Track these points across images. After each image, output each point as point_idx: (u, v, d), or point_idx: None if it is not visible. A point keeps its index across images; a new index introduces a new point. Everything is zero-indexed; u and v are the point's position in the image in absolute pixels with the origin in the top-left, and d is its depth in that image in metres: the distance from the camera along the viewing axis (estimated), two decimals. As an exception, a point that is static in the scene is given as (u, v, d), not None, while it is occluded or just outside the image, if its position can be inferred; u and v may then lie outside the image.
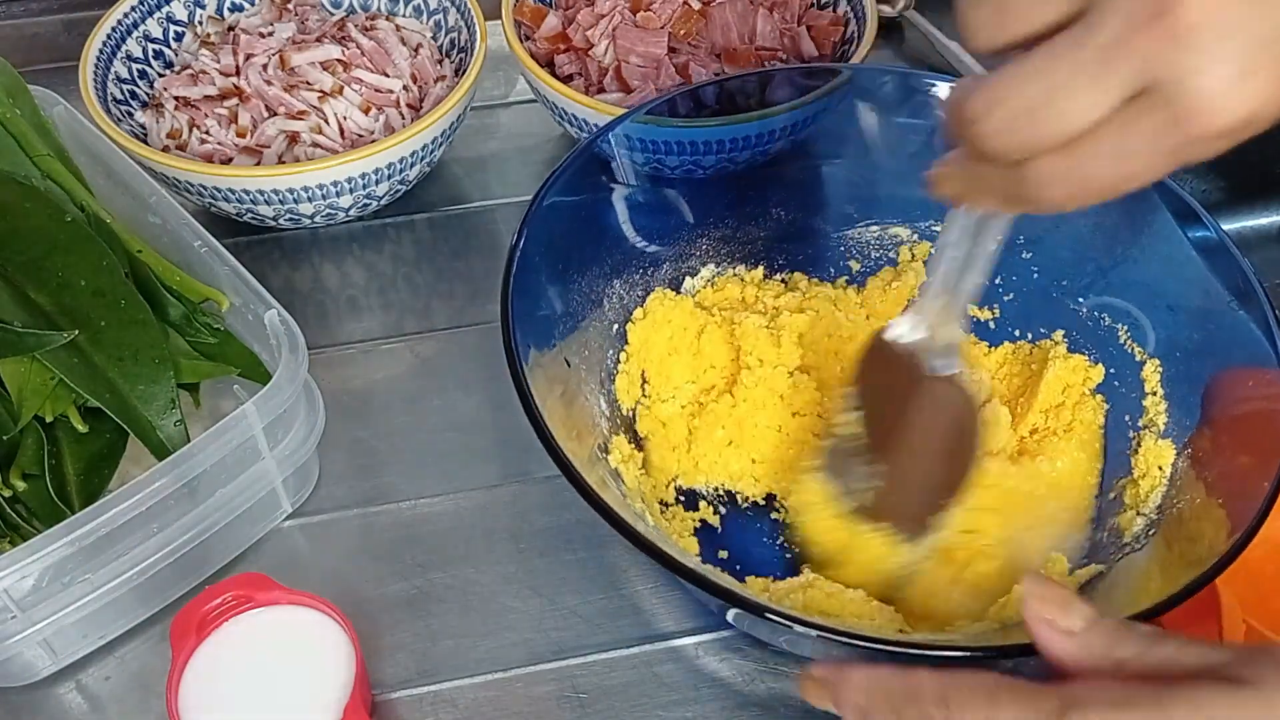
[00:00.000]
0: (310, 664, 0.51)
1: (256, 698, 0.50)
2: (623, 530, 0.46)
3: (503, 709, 0.54)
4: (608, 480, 0.54)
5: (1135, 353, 0.58)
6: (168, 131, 0.72)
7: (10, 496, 0.55)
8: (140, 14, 0.75)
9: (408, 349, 0.69)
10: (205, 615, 0.51)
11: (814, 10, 0.77)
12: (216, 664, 0.51)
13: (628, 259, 0.62)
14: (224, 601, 0.51)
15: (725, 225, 0.65)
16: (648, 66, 0.72)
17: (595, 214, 0.61)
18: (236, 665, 0.51)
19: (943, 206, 0.48)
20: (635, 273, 0.62)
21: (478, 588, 0.58)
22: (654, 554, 0.46)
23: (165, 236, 0.62)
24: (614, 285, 0.61)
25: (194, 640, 0.51)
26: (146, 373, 0.56)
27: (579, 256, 0.59)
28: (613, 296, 0.61)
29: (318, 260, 0.74)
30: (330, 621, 0.52)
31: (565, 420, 0.52)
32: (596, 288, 0.60)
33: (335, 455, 0.63)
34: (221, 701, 0.50)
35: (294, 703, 0.50)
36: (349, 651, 0.51)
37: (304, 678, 0.51)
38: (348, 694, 0.49)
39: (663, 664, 0.56)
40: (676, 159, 0.63)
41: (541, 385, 0.51)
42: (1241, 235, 0.90)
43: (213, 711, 0.49)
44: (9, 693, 0.55)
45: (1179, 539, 0.51)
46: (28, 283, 0.58)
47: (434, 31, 0.78)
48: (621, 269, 0.61)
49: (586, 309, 0.59)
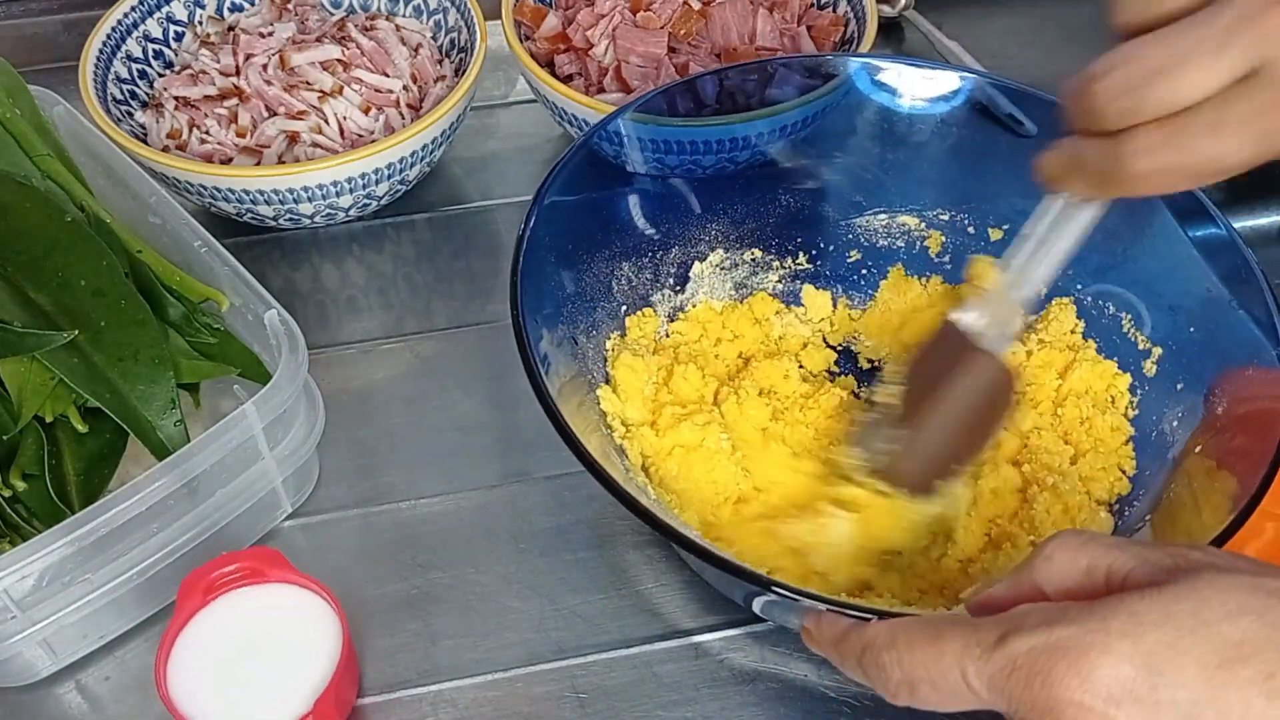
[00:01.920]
0: (299, 648, 0.52)
1: (241, 669, 0.51)
2: (631, 505, 0.46)
3: (503, 709, 0.54)
4: (612, 455, 0.54)
5: (1138, 341, 0.59)
6: (168, 131, 0.72)
7: (10, 496, 0.55)
8: (140, 14, 0.75)
9: (408, 349, 0.69)
10: (213, 581, 0.52)
11: (814, 10, 0.77)
12: (212, 630, 0.52)
13: (635, 246, 0.62)
14: (235, 571, 0.52)
15: (734, 212, 0.65)
16: (648, 66, 0.72)
17: (602, 204, 0.61)
18: (230, 634, 0.52)
19: (949, 195, 0.49)
20: (644, 257, 0.62)
21: (478, 588, 0.58)
22: (665, 531, 0.46)
23: (165, 236, 0.62)
24: (623, 269, 0.61)
25: (198, 602, 0.52)
26: (146, 373, 0.56)
27: (587, 244, 0.60)
28: (621, 280, 0.61)
29: (318, 260, 0.74)
30: (329, 613, 0.52)
31: (575, 407, 0.53)
32: (604, 273, 0.60)
33: (335, 455, 0.63)
34: (208, 666, 0.51)
35: (274, 681, 0.51)
36: (338, 644, 0.52)
37: (289, 660, 0.51)
38: (325, 685, 0.50)
39: (663, 664, 0.56)
40: (677, 159, 0.63)
41: (552, 363, 0.52)
42: (1241, 235, 0.90)
43: (198, 674, 0.51)
44: (9, 693, 0.55)
45: (1176, 528, 0.51)
46: (28, 283, 0.58)
47: (434, 31, 0.78)
48: (630, 254, 0.62)
49: (595, 294, 0.60)
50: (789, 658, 0.56)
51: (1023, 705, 0.35)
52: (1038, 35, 0.88)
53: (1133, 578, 0.36)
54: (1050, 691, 0.34)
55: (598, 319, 0.60)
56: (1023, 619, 0.36)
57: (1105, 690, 0.33)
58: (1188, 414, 0.55)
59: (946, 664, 0.37)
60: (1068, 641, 0.34)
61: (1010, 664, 0.35)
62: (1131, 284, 0.60)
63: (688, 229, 0.64)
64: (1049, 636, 0.35)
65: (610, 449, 0.55)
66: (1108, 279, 0.60)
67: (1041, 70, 0.85)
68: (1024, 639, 0.35)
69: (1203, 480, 0.51)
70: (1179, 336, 0.57)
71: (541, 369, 0.50)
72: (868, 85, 0.63)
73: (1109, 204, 0.47)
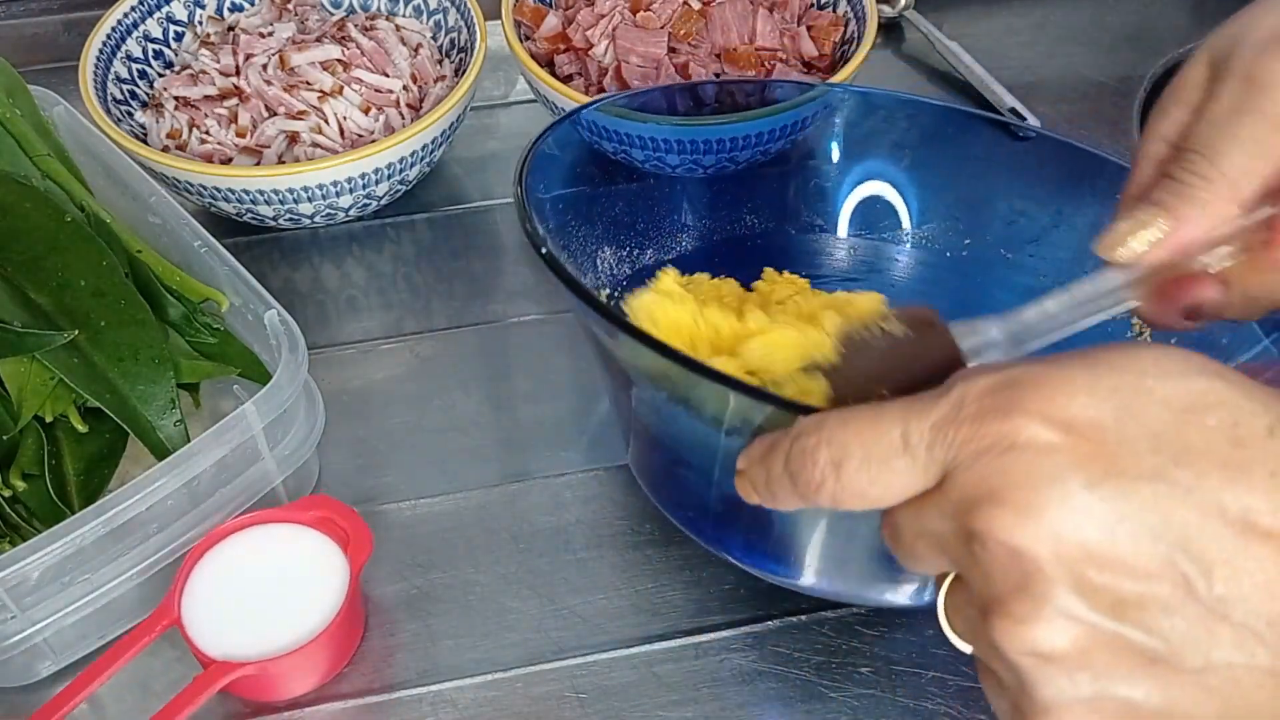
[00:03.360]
0: (308, 584, 0.54)
1: (251, 601, 0.53)
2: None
3: (503, 709, 0.54)
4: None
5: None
6: (168, 131, 0.72)
7: (10, 496, 0.55)
8: (140, 14, 0.75)
9: (408, 349, 0.69)
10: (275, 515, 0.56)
11: (814, 10, 0.77)
12: (229, 562, 0.54)
13: (616, 232, 0.61)
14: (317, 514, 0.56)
15: (714, 221, 0.65)
16: (648, 66, 0.72)
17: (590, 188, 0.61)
18: (243, 568, 0.54)
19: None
20: (625, 249, 0.62)
21: (478, 588, 0.58)
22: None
23: (165, 236, 0.62)
24: (604, 252, 0.61)
25: (217, 536, 0.55)
26: (146, 373, 0.56)
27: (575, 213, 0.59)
28: (602, 264, 0.61)
29: (318, 260, 0.74)
30: (339, 556, 0.55)
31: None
32: (589, 248, 0.60)
33: (335, 455, 0.63)
34: (221, 596, 0.53)
35: (282, 612, 0.53)
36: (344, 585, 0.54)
37: (298, 594, 0.54)
38: (331, 618, 0.53)
39: (663, 664, 0.56)
40: (677, 158, 0.63)
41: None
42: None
43: (210, 604, 0.53)
44: (9, 693, 0.55)
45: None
46: (28, 283, 0.58)
47: (434, 31, 0.78)
48: (611, 240, 0.61)
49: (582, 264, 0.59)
50: (789, 658, 0.56)
51: (967, 450, 0.32)
52: (1038, 35, 0.88)
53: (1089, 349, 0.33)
54: (1002, 422, 0.31)
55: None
56: (970, 369, 0.33)
57: (1065, 417, 0.31)
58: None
59: (885, 426, 0.33)
60: (1022, 375, 0.32)
61: (957, 405, 0.32)
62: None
63: (663, 230, 0.63)
64: (1001, 374, 0.32)
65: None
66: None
67: (1041, 70, 0.85)
68: (974, 381, 0.32)
69: None
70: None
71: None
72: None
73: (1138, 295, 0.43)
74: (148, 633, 0.52)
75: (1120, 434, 0.31)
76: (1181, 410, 0.31)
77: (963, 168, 0.61)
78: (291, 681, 0.54)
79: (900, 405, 0.34)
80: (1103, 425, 0.31)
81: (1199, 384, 0.31)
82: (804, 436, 0.35)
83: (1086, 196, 0.59)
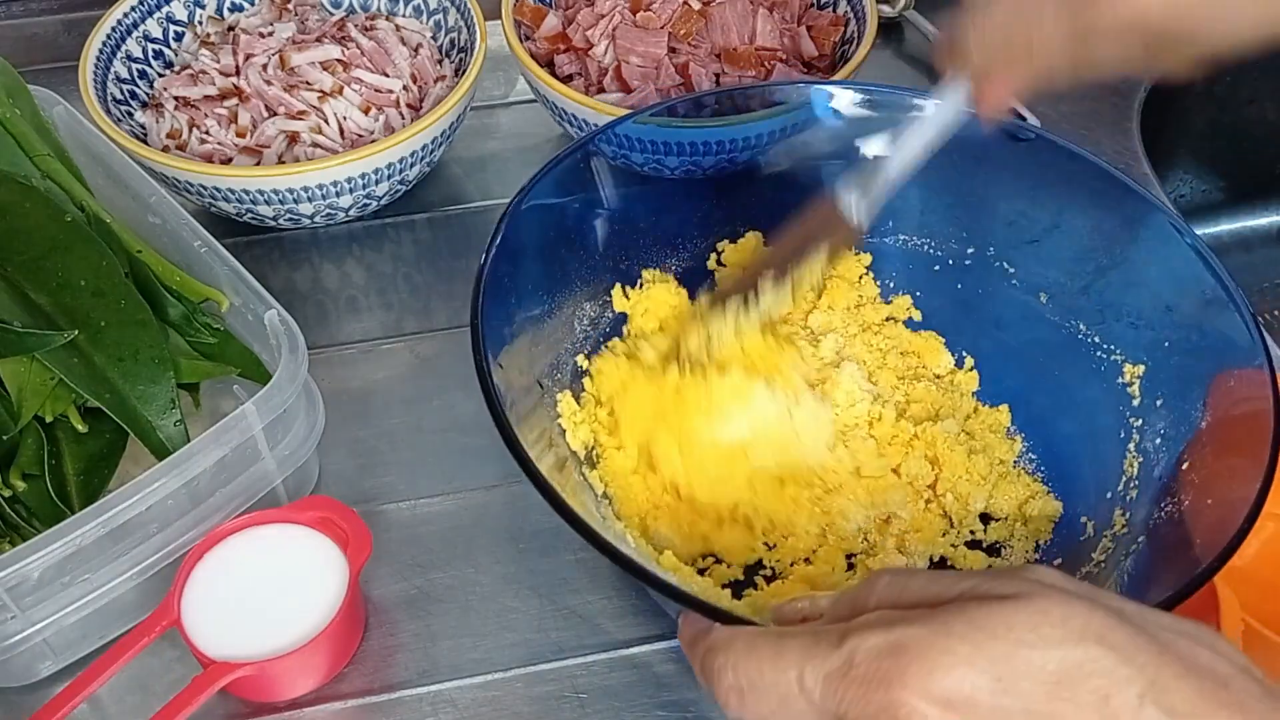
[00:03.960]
0: (307, 584, 0.54)
1: (251, 601, 0.53)
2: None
3: (503, 709, 0.54)
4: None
5: (1117, 359, 0.58)
6: (167, 131, 0.72)
7: (10, 496, 0.55)
8: (140, 14, 0.75)
9: (408, 349, 0.69)
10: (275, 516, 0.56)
11: (814, 10, 0.77)
12: (227, 564, 0.54)
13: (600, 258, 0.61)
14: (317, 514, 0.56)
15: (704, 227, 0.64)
16: (648, 66, 0.72)
17: (579, 215, 0.61)
18: (242, 568, 0.54)
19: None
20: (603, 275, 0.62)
21: (478, 588, 0.58)
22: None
23: (165, 236, 0.62)
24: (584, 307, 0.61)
25: (216, 537, 0.55)
26: (146, 373, 0.56)
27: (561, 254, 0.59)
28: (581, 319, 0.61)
29: (318, 260, 0.74)
30: (338, 556, 0.55)
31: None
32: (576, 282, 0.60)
33: (335, 455, 0.63)
34: (219, 597, 0.53)
35: (280, 613, 0.53)
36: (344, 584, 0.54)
37: (297, 594, 0.54)
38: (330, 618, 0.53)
39: (663, 664, 0.56)
40: (676, 159, 0.63)
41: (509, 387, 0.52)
42: (1241, 235, 0.90)
43: (209, 605, 0.53)
44: (9, 693, 0.55)
45: (1173, 542, 0.51)
46: (28, 283, 0.58)
47: (434, 31, 0.78)
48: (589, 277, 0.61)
49: (562, 305, 0.59)
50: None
51: (855, 711, 0.34)
52: (1038, 35, 0.88)
53: (976, 591, 0.35)
54: (886, 693, 0.33)
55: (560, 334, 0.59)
56: (864, 621, 0.35)
57: (943, 694, 0.33)
58: (1170, 431, 0.55)
59: (784, 665, 0.36)
60: (908, 641, 0.34)
61: (848, 662, 0.34)
62: (1106, 306, 0.59)
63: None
64: (889, 636, 0.34)
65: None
66: (1080, 305, 0.60)
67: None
68: (865, 637, 0.34)
69: (1195, 494, 0.51)
70: (1163, 349, 0.56)
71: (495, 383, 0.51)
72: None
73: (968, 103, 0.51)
74: (147, 633, 0.52)
75: (994, 708, 0.33)
76: (1055, 684, 0.33)
77: (962, 168, 0.61)
78: (291, 682, 0.54)
79: (799, 645, 0.36)
80: (977, 702, 0.33)
81: (1075, 654, 0.33)
82: (713, 653, 0.38)
83: (1086, 197, 0.59)
